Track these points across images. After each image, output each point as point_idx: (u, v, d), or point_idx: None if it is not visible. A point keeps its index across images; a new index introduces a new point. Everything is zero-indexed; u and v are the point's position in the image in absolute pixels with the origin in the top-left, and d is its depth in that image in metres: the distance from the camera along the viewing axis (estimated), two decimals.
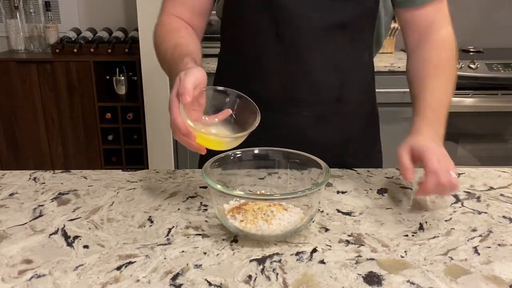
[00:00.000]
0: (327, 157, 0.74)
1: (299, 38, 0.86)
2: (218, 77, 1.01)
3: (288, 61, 0.88)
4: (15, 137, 2.43)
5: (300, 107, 0.90)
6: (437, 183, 0.66)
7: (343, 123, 0.93)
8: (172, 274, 0.55)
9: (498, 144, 2.45)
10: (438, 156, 0.69)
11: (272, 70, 0.89)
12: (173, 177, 0.84)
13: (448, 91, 0.84)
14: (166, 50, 0.84)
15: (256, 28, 0.88)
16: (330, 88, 0.90)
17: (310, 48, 0.87)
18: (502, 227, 0.67)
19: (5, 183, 0.81)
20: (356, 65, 0.92)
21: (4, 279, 0.54)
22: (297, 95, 0.90)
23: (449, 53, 0.87)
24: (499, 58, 2.30)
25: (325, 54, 0.87)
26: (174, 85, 0.70)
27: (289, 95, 0.90)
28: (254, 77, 0.91)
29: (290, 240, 0.63)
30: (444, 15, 0.90)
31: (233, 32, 0.94)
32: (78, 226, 0.66)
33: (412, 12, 0.89)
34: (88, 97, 2.36)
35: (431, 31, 0.88)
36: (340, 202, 0.75)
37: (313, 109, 0.91)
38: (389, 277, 0.55)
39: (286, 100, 0.90)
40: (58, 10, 2.64)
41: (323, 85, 0.89)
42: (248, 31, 0.89)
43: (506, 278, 0.55)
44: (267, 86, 0.90)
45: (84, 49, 2.37)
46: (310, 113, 0.91)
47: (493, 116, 2.34)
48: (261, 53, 0.89)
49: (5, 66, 2.31)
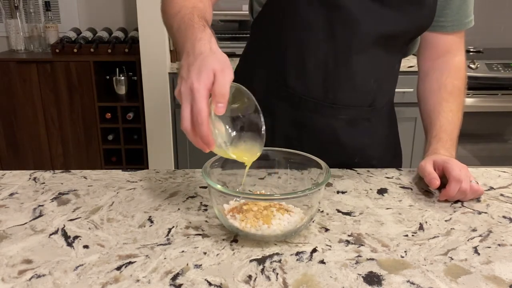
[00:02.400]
0: (355, 160, 0.75)
1: (351, 41, 0.85)
2: (244, 71, 0.98)
3: (336, 63, 0.87)
4: (15, 137, 2.43)
5: (337, 109, 0.91)
6: (459, 189, 0.74)
7: (372, 127, 0.96)
8: (172, 274, 0.55)
9: (498, 144, 2.45)
10: (460, 167, 0.77)
11: (317, 70, 0.88)
12: (173, 177, 0.84)
13: (459, 116, 0.92)
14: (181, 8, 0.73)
15: (308, 24, 0.86)
16: (367, 94, 0.92)
17: (359, 52, 0.87)
18: (502, 227, 0.67)
19: (5, 183, 0.81)
20: (389, 73, 0.96)
21: (4, 279, 0.54)
22: (337, 97, 0.90)
23: (461, 82, 0.95)
24: (499, 58, 2.30)
25: (370, 60, 0.89)
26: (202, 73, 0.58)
27: (329, 97, 0.89)
28: (294, 74, 0.89)
29: (290, 240, 0.63)
30: (461, 43, 0.97)
31: (276, 26, 0.91)
32: (78, 226, 0.66)
33: (437, 35, 0.94)
34: (88, 97, 2.36)
35: (448, 56, 0.95)
36: (340, 202, 0.75)
37: (349, 113, 0.92)
38: (389, 277, 0.55)
39: (326, 101, 0.90)
40: (58, 10, 2.64)
41: (362, 90, 0.91)
42: (298, 26, 0.87)
43: (506, 278, 0.55)
44: (309, 85, 0.89)
45: (84, 49, 2.37)
46: (346, 116, 0.92)
47: (493, 116, 2.34)
48: (308, 51, 0.87)
49: (5, 66, 2.31)
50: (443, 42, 0.94)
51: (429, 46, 0.96)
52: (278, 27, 0.90)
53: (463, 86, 0.95)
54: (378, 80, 0.92)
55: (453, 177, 0.74)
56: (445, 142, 0.85)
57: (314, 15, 0.85)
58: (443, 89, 0.93)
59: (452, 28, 0.93)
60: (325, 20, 0.84)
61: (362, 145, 0.95)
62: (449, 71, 0.94)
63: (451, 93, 0.92)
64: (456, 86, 0.93)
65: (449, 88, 0.93)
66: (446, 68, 0.95)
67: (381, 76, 0.92)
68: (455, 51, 0.95)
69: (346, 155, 0.78)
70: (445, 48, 0.95)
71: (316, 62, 0.87)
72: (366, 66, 0.89)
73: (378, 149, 0.98)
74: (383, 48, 0.88)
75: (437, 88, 0.93)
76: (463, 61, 0.96)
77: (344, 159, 0.92)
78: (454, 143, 0.87)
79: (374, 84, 0.91)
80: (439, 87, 0.93)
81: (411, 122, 2.34)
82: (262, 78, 0.92)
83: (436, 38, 0.94)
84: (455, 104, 0.91)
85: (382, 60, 0.91)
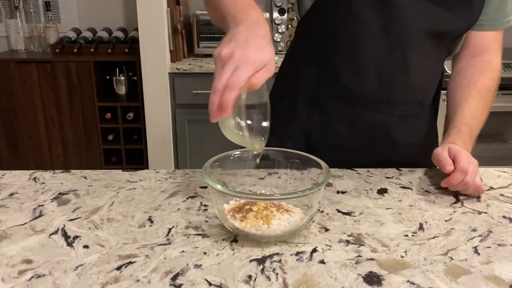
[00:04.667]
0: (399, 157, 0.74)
1: (404, 38, 0.86)
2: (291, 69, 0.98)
3: (390, 59, 0.87)
4: (15, 137, 2.44)
5: (391, 105, 0.91)
6: (463, 181, 0.74)
7: (420, 124, 0.97)
8: (172, 274, 0.55)
9: (498, 144, 2.44)
10: (470, 160, 0.77)
11: (371, 66, 0.88)
12: (173, 177, 0.84)
13: (484, 116, 0.91)
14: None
15: (361, 21, 0.86)
16: (419, 90, 0.93)
17: (412, 49, 0.87)
18: (502, 227, 0.67)
19: (5, 183, 0.81)
20: (437, 70, 0.96)
21: (4, 279, 0.54)
22: (392, 93, 0.90)
23: (492, 83, 0.95)
24: None
25: (422, 57, 0.89)
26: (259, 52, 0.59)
27: (384, 93, 0.90)
28: (348, 72, 0.89)
29: (290, 240, 0.63)
30: (498, 44, 0.96)
31: (327, 23, 0.90)
32: (78, 226, 0.66)
33: (475, 34, 0.94)
34: (88, 97, 2.36)
35: (483, 55, 0.95)
36: (340, 202, 0.75)
37: (402, 109, 0.93)
38: (389, 277, 0.55)
39: (380, 98, 0.90)
40: (58, 10, 2.64)
41: (415, 86, 0.92)
42: (351, 23, 0.87)
43: (506, 278, 0.55)
44: (363, 82, 0.89)
45: (84, 49, 2.37)
46: (399, 112, 0.93)
47: (493, 116, 2.33)
48: (362, 47, 0.87)
49: (5, 66, 2.31)
50: (480, 41, 0.94)
51: (466, 44, 0.96)
52: (329, 24, 0.90)
53: (494, 87, 0.94)
54: (429, 77, 0.94)
55: (460, 168, 0.75)
56: (463, 136, 0.85)
57: (367, 11, 0.85)
58: (473, 86, 0.92)
59: (490, 27, 0.92)
60: (378, 17, 0.85)
61: (410, 143, 0.96)
62: (482, 70, 0.94)
63: (480, 91, 0.92)
64: (486, 85, 0.92)
65: (479, 85, 0.92)
66: (479, 67, 0.94)
67: (431, 73, 0.94)
68: (492, 52, 0.95)
69: (395, 152, 0.79)
70: (481, 47, 0.95)
71: (370, 58, 0.88)
72: (418, 63, 0.89)
73: (422, 147, 0.98)
74: (433, 46, 0.89)
75: (467, 84, 0.93)
76: (498, 63, 0.95)
77: (391, 155, 0.93)
78: (472, 138, 0.86)
79: (425, 81, 0.93)
80: (468, 83, 0.93)
81: None
82: (312, 76, 0.92)
83: (474, 37, 0.94)
84: (481, 102, 0.91)
85: (432, 58, 0.92)
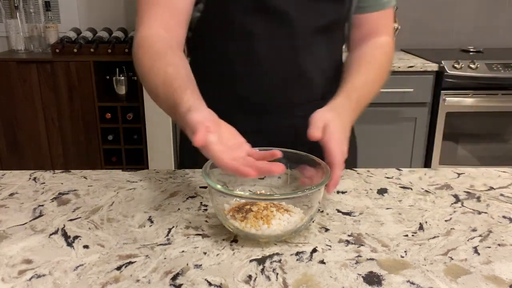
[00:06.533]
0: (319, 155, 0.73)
1: (294, 39, 0.87)
2: None
3: (283, 64, 0.88)
4: (15, 137, 2.44)
5: (293, 108, 0.92)
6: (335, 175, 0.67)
7: None
8: (172, 274, 0.55)
9: (498, 144, 2.45)
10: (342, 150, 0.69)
11: (267, 74, 0.88)
12: (173, 177, 0.84)
13: (375, 86, 0.90)
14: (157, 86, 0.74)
15: (247, 30, 0.86)
16: (317, 87, 0.93)
17: (303, 48, 0.88)
18: (502, 227, 0.67)
19: (5, 183, 0.81)
20: (333, 61, 0.96)
21: (4, 279, 0.54)
22: (291, 96, 0.91)
23: (384, 57, 0.94)
24: (499, 58, 2.30)
25: (314, 54, 0.90)
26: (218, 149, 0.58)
27: (282, 97, 0.91)
28: (244, 84, 0.90)
29: (290, 240, 0.63)
30: (387, 25, 0.97)
31: (216, 39, 0.90)
32: (78, 226, 0.66)
33: (360, 16, 0.95)
34: (88, 97, 2.36)
35: (373, 35, 0.96)
36: (340, 202, 0.75)
37: (305, 109, 0.91)
38: (389, 277, 0.55)
39: (280, 102, 0.91)
40: (58, 10, 2.64)
41: (313, 84, 0.92)
42: (237, 33, 0.87)
43: (506, 278, 0.55)
44: (259, 90, 0.90)
45: (84, 49, 2.37)
46: (303, 113, 0.91)
47: (493, 116, 2.34)
48: (253, 58, 0.88)
49: (5, 66, 2.31)
50: (366, 23, 0.95)
51: (355, 26, 0.97)
52: (216, 40, 0.90)
53: (386, 62, 0.94)
54: (326, 71, 0.94)
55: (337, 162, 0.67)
56: (351, 102, 0.82)
57: (252, 22, 0.85)
58: (363, 58, 0.92)
59: (371, 9, 0.94)
60: (263, 25, 0.85)
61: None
62: (373, 47, 0.94)
63: (370, 62, 0.92)
64: (378, 58, 0.93)
65: (369, 57, 0.92)
66: (369, 45, 0.95)
67: (327, 66, 0.94)
68: (380, 32, 0.96)
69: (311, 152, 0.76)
70: (369, 29, 0.96)
71: (263, 67, 0.88)
72: (312, 60, 0.90)
73: None
74: (324, 39, 0.90)
75: (358, 58, 0.93)
76: (389, 42, 0.96)
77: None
78: (359, 107, 0.84)
79: (323, 76, 0.93)
80: (359, 57, 0.93)
81: (411, 122, 2.34)
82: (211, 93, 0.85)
83: (360, 19, 0.95)
84: (372, 73, 0.90)
85: (325, 50, 0.92)
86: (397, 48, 2.72)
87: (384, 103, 2.28)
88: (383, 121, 2.33)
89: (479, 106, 2.29)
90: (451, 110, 2.28)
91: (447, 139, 2.33)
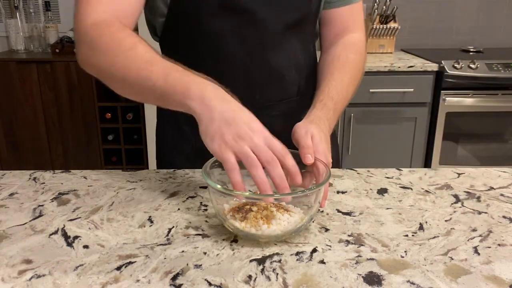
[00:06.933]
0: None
1: (264, 38, 0.86)
2: None
3: (255, 64, 0.88)
4: (15, 137, 2.44)
5: (268, 107, 0.91)
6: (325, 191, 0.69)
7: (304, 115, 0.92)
8: (172, 274, 0.55)
9: (498, 144, 2.45)
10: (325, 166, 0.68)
11: (239, 76, 0.88)
12: (173, 177, 0.84)
13: (350, 90, 0.90)
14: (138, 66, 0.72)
15: (215, 32, 0.85)
16: (292, 84, 0.93)
17: (274, 46, 0.88)
18: (502, 227, 0.67)
19: (5, 183, 0.81)
20: (306, 57, 0.96)
21: (4, 279, 0.54)
22: (266, 96, 0.90)
23: (357, 56, 0.94)
24: (499, 58, 2.30)
25: (286, 52, 0.90)
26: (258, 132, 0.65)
27: (258, 98, 0.90)
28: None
29: (290, 240, 0.63)
30: (357, 21, 0.97)
31: (182, 42, 0.89)
32: (78, 226, 0.66)
33: (330, 12, 0.96)
34: (88, 97, 2.36)
35: (344, 33, 0.96)
36: (340, 202, 0.75)
37: (281, 107, 0.92)
38: (389, 277, 0.55)
39: (254, 103, 0.89)
40: (58, 10, 2.64)
41: (286, 82, 0.92)
42: (208, 39, 0.86)
43: (506, 278, 0.55)
44: (234, 93, 0.88)
45: None
46: (278, 111, 0.92)
47: (493, 116, 2.34)
48: (222, 58, 0.87)
49: (5, 66, 2.31)
50: (336, 20, 0.95)
51: (325, 24, 0.97)
52: (186, 43, 0.89)
53: (360, 61, 0.94)
54: (299, 68, 0.93)
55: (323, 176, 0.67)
56: (328, 111, 0.82)
57: (220, 23, 0.84)
58: (336, 60, 0.92)
59: (339, 4, 0.94)
60: (232, 26, 0.84)
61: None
62: (345, 46, 0.94)
63: (344, 64, 0.91)
64: (351, 58, 0.92)
65: (342, 59, 0.92)
66: (341, 43, 0.95)
67: (300, 63, 0.93)
68: (351, 28, 0.96)
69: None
70: (340, 26, 0.96)
71: (235, 68, 0.87)
72: (284, 58, 0.90)
73: None
74: (294, 35, 0.90)
75: (331, 60, 0.93)
76: (361, 39, 0.96)
77: None
78: (336, 114, 0.84)
79: (296, 73, 0.93)
80: (332, 59, 0.93)
81: (411, 122, 2.34)
82: None
83: (330, 15, 0.95)
84: (347, 76, 0.89)
85: (297, 48, 0.92)
86: (397, 48, 2.73)
87: (384, 103, 2.28)
88: (383, 121, 2.33)
89: (479, 106, 2.29)
90: (451, 110, 2.28)
91: (447, 139, 2.33)
